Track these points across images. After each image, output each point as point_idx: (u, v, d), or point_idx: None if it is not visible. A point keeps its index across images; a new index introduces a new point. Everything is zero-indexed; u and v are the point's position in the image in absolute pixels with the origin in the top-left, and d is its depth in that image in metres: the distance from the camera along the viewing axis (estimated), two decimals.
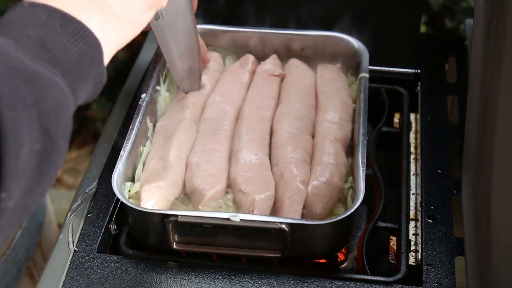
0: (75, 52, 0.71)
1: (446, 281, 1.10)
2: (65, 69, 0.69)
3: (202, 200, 1.13)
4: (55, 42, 0.70)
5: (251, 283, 1.09)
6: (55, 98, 0.66)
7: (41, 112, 0.63)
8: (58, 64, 0.69)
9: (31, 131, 0.62)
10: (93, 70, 0.74)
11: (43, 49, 0.69)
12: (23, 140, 0.60)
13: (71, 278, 1.10)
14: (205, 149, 1.21)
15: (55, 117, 0.65)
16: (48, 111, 0.64)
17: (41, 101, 0.64)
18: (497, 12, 0.96)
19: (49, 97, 0.65)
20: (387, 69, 1.49)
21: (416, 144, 1.38)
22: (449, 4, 2.26)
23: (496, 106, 0.94)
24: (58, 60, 0.69)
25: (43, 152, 0.64)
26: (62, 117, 0.66)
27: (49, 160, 0.65)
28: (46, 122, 0.64)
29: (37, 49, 0.68)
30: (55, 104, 0.65)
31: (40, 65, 0.66)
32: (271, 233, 1.06)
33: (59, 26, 0.71)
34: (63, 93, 0.67)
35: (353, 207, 1.06)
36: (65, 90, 0.68)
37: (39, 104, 0.63)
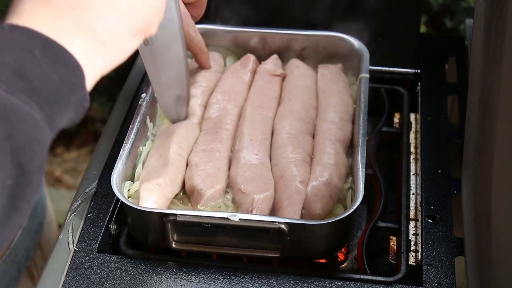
0: (55, 79, 0.68)
1: (446, 281, 1.10)
2: (43, 98, 0.66)
3: (201, 200, 1.13)
4: (34, 69, 0.66)
5: (251, 283, 1.09)
6: (29, 132, 0.63)
7: (14, 147, 0.61)
8: (35, 94, 0.66)
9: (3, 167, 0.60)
10: (74, 96, 0.70)
11: (21, 78, 0.65)
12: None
13: (71, 278, 1.10)
14: (206, 149, 1.21)
15: (29, 152, 0.62)
16: (21, 145, 0.61)
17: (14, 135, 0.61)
18: (497, 12, 0.96)
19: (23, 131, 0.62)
20: (387, 69, 1.49)
21: (416, 144, 1.38)
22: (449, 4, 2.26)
23: (496, 106, 0.94)
24: (36, 89, 0.65)
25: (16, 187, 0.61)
26: (37, 151, 0.64)
27: (22, 195, 0.62)
28: (19, 157, 0.61)
29: (14, 78, 0.64)
30: (30, 138, 0.63)
31: (15, 97, 0.63)
32: (270, 233, 1.06)
33: (39, 51, 0.67)
34: (39, 126, 0.64)
35: (352, 207, 1.06)
36: (41, 124, 0.65)
37: (12, 139, 0.61)
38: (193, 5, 1.27)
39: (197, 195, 1.14)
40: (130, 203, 1.09)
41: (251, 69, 1.39)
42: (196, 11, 1.29)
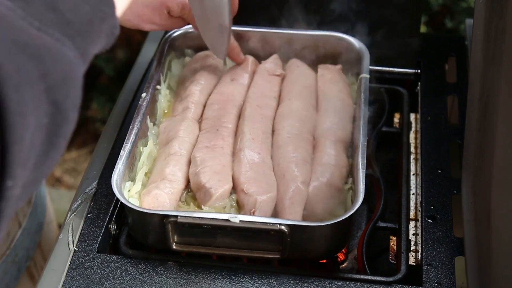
0: (86, 9, 0.68)
1: (446, 281, 1.10)
2: (76, 30, 0.66)
3: (210, 199, 1.13)
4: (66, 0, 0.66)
5: (251, 283, 1.09)
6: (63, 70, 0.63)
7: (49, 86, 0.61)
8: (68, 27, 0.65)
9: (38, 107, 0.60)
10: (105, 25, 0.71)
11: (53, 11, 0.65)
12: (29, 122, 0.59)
13: (71, 278, 1.10)
14: (209, 145, 1.21)
15: (63, 89, 0.63)
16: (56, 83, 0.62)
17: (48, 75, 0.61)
18: (497, 12, 0.96)
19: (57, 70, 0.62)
20: (387, 69, 1.49)
21: (416, 144, 1.38)
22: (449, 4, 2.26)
23: (496, 106, 0.94)
24: (68, 21, 0.66)
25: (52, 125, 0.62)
26: (71, 88, 0.64)
27: (58, 132, 0.64)
28: (54, 95, 0.62)
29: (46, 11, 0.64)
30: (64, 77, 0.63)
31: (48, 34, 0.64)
32: (271, 234, 1.06)
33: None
34: (72, 64, 0.65)
35: (353, 208, 1.06)
36: (74, 60, 0.65)
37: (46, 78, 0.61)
38: None
39: (206, 194, 1.13)
40: (130, 204, 1.09)
41: (250, 70, 1.39)
42: None
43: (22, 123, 0.58)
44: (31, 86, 0.59)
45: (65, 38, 0.65)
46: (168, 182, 1.14)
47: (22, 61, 0.59)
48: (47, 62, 0.62)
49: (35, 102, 0.60)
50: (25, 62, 0.60)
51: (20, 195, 0.61)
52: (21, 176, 0.59)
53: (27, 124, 0.58)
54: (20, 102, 0.58)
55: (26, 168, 0.60)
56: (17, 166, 0.58)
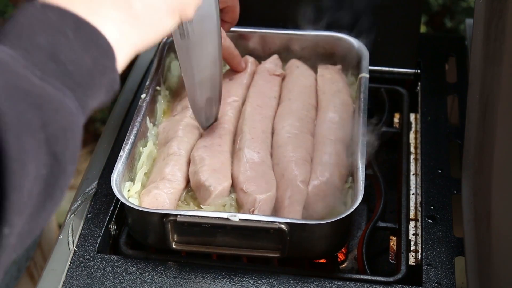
0: (88, 62, 0.67)
1: (446, 281, 1.10)
2: (76, 82, 0.66)
3: (210, 197, 1.13)
4: (67, 51, 0.66)
5: (251, 283, 1.09)
6: (64, 121, 0.62)
7: (49, 136, 0.60)
8: (69, 78, 0.65)
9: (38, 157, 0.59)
10: (105, 79, 0.70)
11: (54, 62, 0.65)
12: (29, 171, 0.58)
13: (71, 278, 1.10)
14: (207, 145, 1.21)
15: (63, 141, 0.62)
16: (56, 134, 0.61)
17: (49, 125, 0.60)
18: (497, 12, 0.96)
19: (58, 120, 0.62)
20: (387, 69, 1.49)
21: (416, 144, 1.38)
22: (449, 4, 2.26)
23: (496, 106, 0.94)
24: (69, 73, 0.65)
25: (50, 176, 0.61)
26: (71, 140, 0.63)
27: (56, 184, 0.62)
28: (53, 147, 0.61)
29: (47, 62, 0.64)
30: (64, 127, 0.62)
31: (49, 84, 0.63)
32: (270, 233, 1.06)
33: (72, 32, 0.67)
34: (73, 114, 0.64)
35: (352, 207, 1.06)
36: (75, 111, 0.65)
37: (47, 128, 0.60)
38: (225, 10, 1.28)
39: (205, 192, 1.13)
40: (130, 204, 1.09)
41: (250, 71, 1.39)
42: (230, 16, 1.30)
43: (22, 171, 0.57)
44: (32, 135, 0.59)
45: (66, 89, 0.65)
46: (168, 182, 1.14)
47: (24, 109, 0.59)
48: (48, 112, 0.61)
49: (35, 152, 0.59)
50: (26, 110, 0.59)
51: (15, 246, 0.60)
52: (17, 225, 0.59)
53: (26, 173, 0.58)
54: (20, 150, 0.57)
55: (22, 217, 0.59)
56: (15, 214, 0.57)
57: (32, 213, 0.61)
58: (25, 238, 0.62)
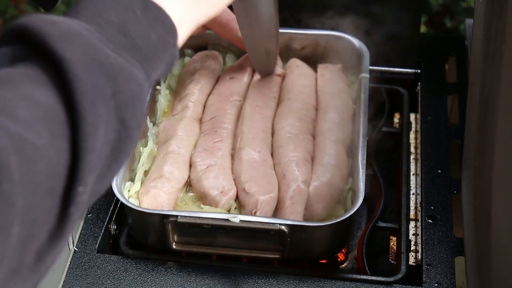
0: (153, 37, 0.73)
1: (446, 281, 1.10)
2: (143, 56, 0.71)
3: (217, 207, 1.13)
4: (136, 27, 0.71)
5: (251, 283, 1.09)
6: (133, 90, 0.68)
7: (119, 104, 0.65)
8: (137, 52, 0.71)
9: (108, 122, 0.64)
10: (167, 54, 0.75)
11: (124, 36, 0.70)
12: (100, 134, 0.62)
13: (71, 278, 1.10)
14: (207, 148, 1.21)
15: (131, 108, 0.67)
16: (125, 102, 0.66)
17: (119, 93, 0.65)
18: (497, 12, 0.96)
19: (127, 89, 0.67)
20: (387, 69, 1.49)
21: (416, 144, 1.38)
22: (449, 4, 2.26)
23: (496, 106, 0.94)
24: (137, 47, 0.71)
25: (117, 141, 0.66)
26: (138, 108, 0.68)
27: (122, 148, 0.67)
28: (122, 113, 0.66)
29: (118, 36, 0.70)
30: (132, 96, 0.67)
31: (121, 56, 0.68)
32: (271, 234, 1.06)
33: (140, 11, 0.72)
34: (140, 85, 0.69)
35: (353, 209, 1.06)
36: (142, 82, 0.70)
37: (117, 96, 0.65)
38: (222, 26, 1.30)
39: (211, 203, 1.14)
40: (130, 204, 1.09)
41: (250, 69, 1.39)
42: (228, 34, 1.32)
43: (95, 134, 0.62)
44: (104, 102, 0.64)
45: (135, 61, 0.70)
46: (166, 181, 1.14)
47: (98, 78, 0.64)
48: (119, 81, 0.66)
49: (106, 117, 0.64)
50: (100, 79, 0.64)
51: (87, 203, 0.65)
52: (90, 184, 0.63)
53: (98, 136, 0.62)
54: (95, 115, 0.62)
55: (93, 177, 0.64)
56: (88, 174, 0.62)
57: (100, 174, 0.65)
58: (93, 196, 0.66)
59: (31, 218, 0.57)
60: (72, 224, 0.63)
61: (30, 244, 0.58)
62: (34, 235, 0.58)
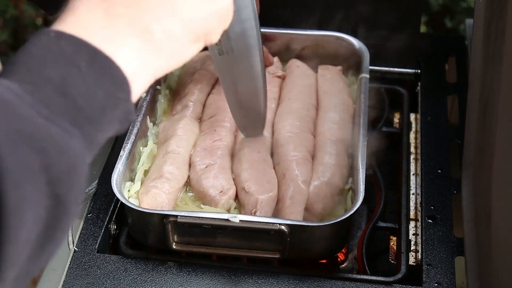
0: (100, 95, 0.64)
1: (446, 281, 1.10)
2: (86, 118, 0.64)
3: (216, 207, 1.13)
4: (78, 85, 0.63)
5: (251, 283, 1.09)
6: (68, 162, 0.60)
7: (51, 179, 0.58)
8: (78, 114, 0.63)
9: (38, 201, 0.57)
10: (118, 111, 0.67)
11: (64, 96, 0.62)
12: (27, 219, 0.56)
13: (71, 278, 1.10)
14: (207, 147, 1.21)
15: (67, 182, 0.60)
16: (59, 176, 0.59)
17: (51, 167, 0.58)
18: (497, 12, 0.96)
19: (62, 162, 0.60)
20: (387, 69, 1.49)
21: (416, 144, 1.38)
22: (449, 4, 2.26)
23: (496, 106, 0.94)
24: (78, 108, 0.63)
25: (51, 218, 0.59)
26: (75, 181, 0.61)
27: (57, 226, 0.60)
28: (56, 188, 0.59)
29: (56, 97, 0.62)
30: (68, 169, 0.60)
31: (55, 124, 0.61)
32: (271, 234, 1.06)
33: (86, 64, 0.64)
34: (78, 157, 0.62)
35: (353, 208, 1.06)
36: (80, 152, 0.63)
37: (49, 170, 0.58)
38: None
39: (211, 202, 1.14)
40: (130, 204, 1.09)
41: None
42: None
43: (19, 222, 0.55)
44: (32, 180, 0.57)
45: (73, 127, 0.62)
46: (166, 181, 1.14)
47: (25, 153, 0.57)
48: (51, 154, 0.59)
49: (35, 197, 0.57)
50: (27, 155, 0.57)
51: None
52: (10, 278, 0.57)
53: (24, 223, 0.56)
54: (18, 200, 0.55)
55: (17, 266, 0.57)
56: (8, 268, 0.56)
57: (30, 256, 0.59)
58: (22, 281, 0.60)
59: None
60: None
61: None
62: None
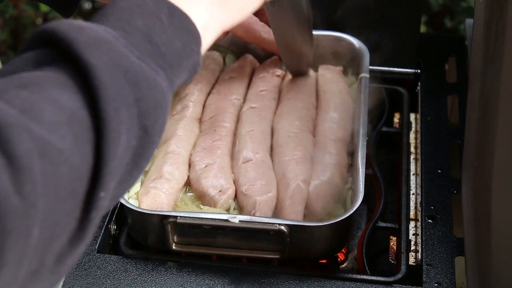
0: (178, 45, 0.73)
1: (446, 281, 1.10)
2: (167, 63, 0.72)
3: (215, 207, 1.13)
4: (161, 34, 0.72)
5: (251, 283, 1.09)
6: (155, 98, 0.68)
7: (141, 111, 0.66)
8: (162, 59, 0.71)
9: (131, 129, 0.65)
10: (191, 61, 0.75)
11: (150, 43, 0.70)
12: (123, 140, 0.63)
13: (71, 278, 1.10)
14: (206, 147, 1.21)
15: (153, 116, 0.67)
16: (148, 109, 0.67)
17: (142, 100, 0.66)
18: (497, 12, 0.96)
19: (150, 97, 0.67)
20: (387, 69, 1.49)
21: (416, 144, 1.38)
22: (449, 4, 2.26)
23: (496, 106, 0.94)
24: (162, 54, 0.71)
25: (139, 147, 0.67)
26: (160, 115, 0.69)
27: (143, 154, 0.68)
28: (144, 120, 0.66)
29: (144, 43, 0.70)
30: (155, 104, 0.68)
31: (145, 63, 0.69)
32: (270, 234, 1.06)
33: (166, 17, 0.73)
34: (163, 92, 0.70)
35: (353, 208, 1.06)
36: (165, 89, 0.70)
37: (140, 103, 0.66)
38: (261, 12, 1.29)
39: (210, 202, 1.14)
40: (130, 205, 1.09)
41: (249, 70, 1.39)
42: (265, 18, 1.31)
43: (118, 141, 0.63)
44: (128, 109, 0.64)
45: (159, 68, 0.70)
46: (166, 181, 1.14)
47: (123, 84, 0.64)
48: (143, 89, 0.67)
49: (129, 124, 0.64)
50: (124, 86, 0.65)
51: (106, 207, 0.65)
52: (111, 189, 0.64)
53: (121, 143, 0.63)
54: (117, 122, 0.63)
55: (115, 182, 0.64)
56: (111, 179, 0.63)
57: (121, 179, 0.65)
58: (113, 201, 0.67)
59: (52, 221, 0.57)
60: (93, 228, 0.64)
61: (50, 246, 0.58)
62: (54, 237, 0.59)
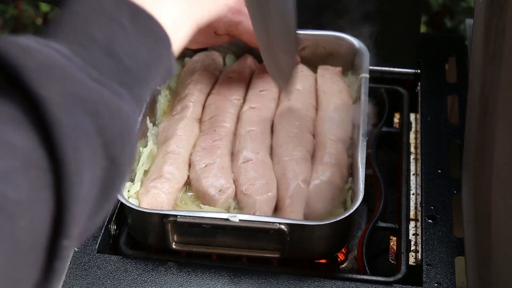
0: (144, 53, 0.66)
1: (446, 281, 1.10)
2: (133, 77, 0.65)
3: (215, 206, 1.13)
4: (123, 44, 0.65)
5: (251, 283, 1.09)
6: (120, 125, 0.62)
7: (105, 141, 0.61)
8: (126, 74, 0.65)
9: (95, 162, 0.60)
10: (161, 67, 0.69)
11: (111, 57, 0.64)
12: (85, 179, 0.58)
13: (71, 278, 1.10)
14: (206, 147, 1.21)
15: (120, 144, 0.62)
16: (112, 138, 0.61)
17: (105, 130, 0.60)
18: (497, 12, 0.96)
19: (114, 125, 0.61)
20: (387, 69, 1.49)
21: (416, 144, 1.38)
22: (449, 4, 2.26)
23: (496, 106, 0.94)
24: (126, 68, 0.65)
25: (107, 178, 0.62)
26: (127, 142, 0.63)
27: (112, 185, 0.63)
28: (110, 150, 0.61)
29: (104, 58, 0.63)
30: (120, 131, 0.62)
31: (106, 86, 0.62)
32: (270, 234, 1.06)
33: (127, 21, 0.65)
34: (128, 117, 0.64)
35: (352, 208, 1.06)
36: (130, 113, 0.64)
37: (104, 133, 0.60)
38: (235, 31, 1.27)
39: (210, 202, 1.14)
40: (130, 204, 1.09)
41: (249, 70, 1.39)
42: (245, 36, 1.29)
43: (80, 182, 0.57)
44: (89, 142, 0.59)
45: (122, 89, 0.64)
46: (166, 181, 1.14)
47: (81, 117, 0.58)
48: (104, 118, 0.61)
49: (92, 158, 0.59)
50: (83, 118, 0.59)
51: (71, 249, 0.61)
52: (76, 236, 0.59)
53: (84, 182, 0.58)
54: (78, 161, 0.57)
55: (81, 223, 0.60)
56: (74, 226, 0.58)
57: (89, 215, 0.61)
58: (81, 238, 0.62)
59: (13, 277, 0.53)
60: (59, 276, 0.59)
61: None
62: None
